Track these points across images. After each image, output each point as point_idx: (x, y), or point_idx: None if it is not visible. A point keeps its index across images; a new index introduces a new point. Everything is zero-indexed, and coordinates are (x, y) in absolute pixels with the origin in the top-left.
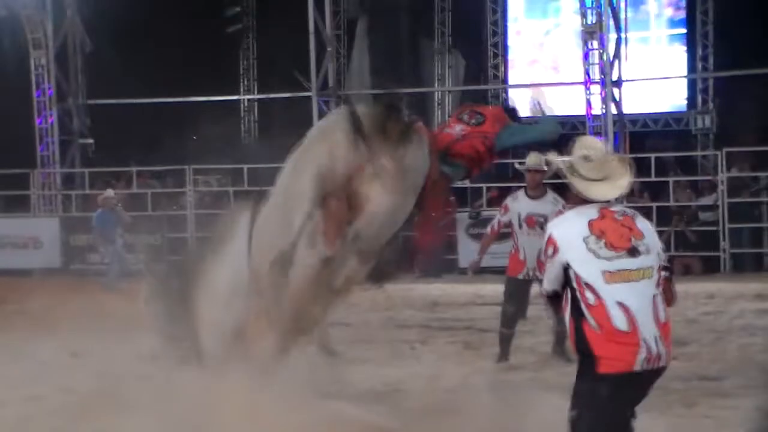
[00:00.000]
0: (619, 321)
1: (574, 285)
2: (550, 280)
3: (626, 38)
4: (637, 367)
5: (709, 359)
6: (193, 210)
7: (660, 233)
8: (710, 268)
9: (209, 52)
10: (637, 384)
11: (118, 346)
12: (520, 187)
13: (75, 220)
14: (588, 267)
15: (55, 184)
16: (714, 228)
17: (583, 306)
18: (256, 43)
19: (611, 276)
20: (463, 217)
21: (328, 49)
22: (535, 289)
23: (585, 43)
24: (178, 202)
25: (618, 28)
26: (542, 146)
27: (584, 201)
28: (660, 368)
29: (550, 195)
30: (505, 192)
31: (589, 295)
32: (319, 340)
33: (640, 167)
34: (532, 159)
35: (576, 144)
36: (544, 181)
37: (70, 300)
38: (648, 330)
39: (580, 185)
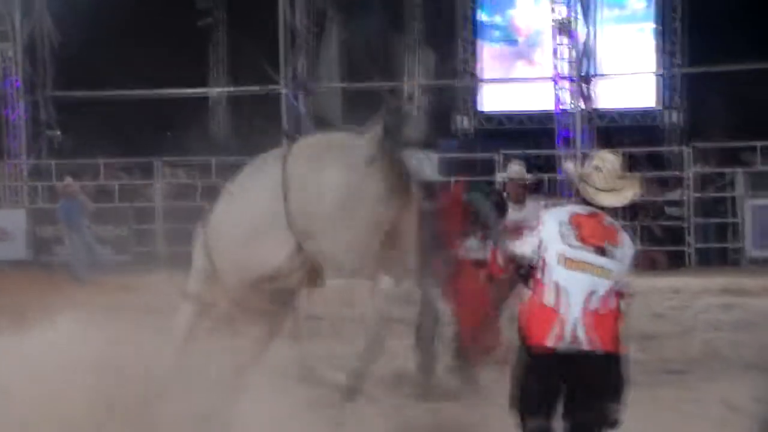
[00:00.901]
0: (548, 297)
1: (537, 259)
2: (520, 244)
3: (596, 34)
4: (549, 343)
5: (675, 353)
6: (161, 202)
7: (626, 227)
8: (676, 262)
9: (179, 45)
10: (554, 362)
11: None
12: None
13: (42, 211)
14: (552, 246)
15: (22, 175)
16: (680, 223)
17: (530, 278)
18: (227, 36)
19: (567, 261)
20: None
21: (299, 42)
22: None
23: (555, 38)
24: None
25: (588, 24)
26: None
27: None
28: (581, 353)
29: (533, 203)
30: None
31: (540, 272)
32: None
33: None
34: (515, 169)
35: (593, 156)
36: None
37: (38, 293)
38: (571, 313)
39: (589, 193)
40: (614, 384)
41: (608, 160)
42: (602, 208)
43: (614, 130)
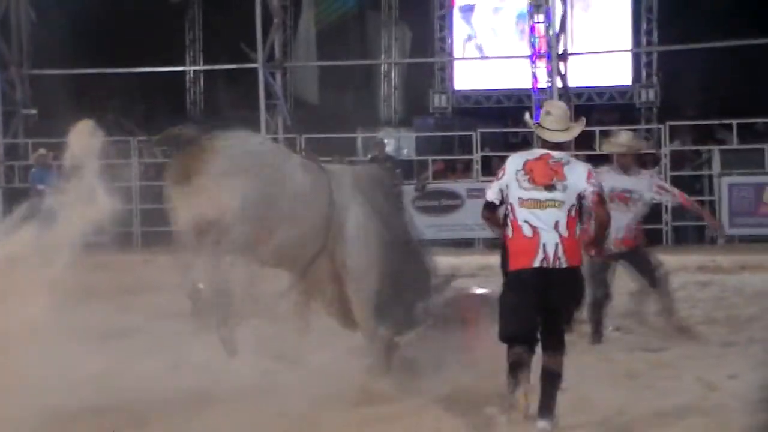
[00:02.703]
0: (526, 231)
1: (507, 203)
2: (493, 192)
3: (572, 12)
4: (535, 264)
5: (651, 331)
6: (137, 182)
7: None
8: (652, 240)
9: (155, 22)
10: (536, 277)
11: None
12: (463, 160)
13: (18, 191)
14: (512, 192)
15: None
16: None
17: (508, 219)
18: (202, 14)
19: (522, 202)
20: (409, 189)
21: (275, 20)
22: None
23: (531, 16)
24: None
25: (564, 2)
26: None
27: (554, 147)
28: (560, 271)
29: (642, 171)
30: (449, 164)
31: (510, 212)
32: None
33: (585, 140)
34: (624, 138)
35: (544, 104)
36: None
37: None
38: (549, 238)
39: (542, 133)
40: (577, 289)
41: (556, 106)
42: (557, 146)
43: (590, 108)
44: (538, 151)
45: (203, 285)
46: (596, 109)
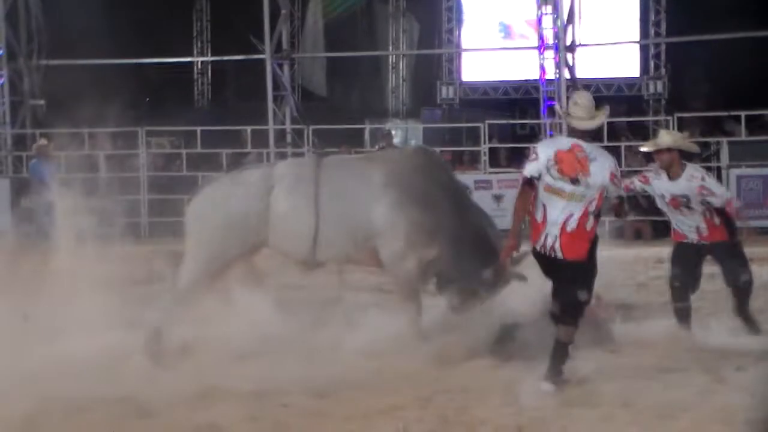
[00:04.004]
0: (539, 215)
1: (537, 181)
2: (532, 168)
3: (580, 3)
4: (537, 247)
5: (661, 322)
6: (145, 172)
7: None
8: (661, 232)
9: (163, 13)
10: (542, 257)
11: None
12: (471, 152)
13: (26, 181)
14: (544, 177)
15: (6, 145)
16: None
17: (537, 199)
18: (210, 5)
19: (548, 188)
20: None
21: (283, 11)
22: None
23: (539, 7)
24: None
25: None
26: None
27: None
28: (556, 258)
29: (687, 172)
30: (457, 155)
31: (539, 192)
32: None
33: (592, 132)
34: (663, 137)
35: (571, 95)
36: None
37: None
38: (551, 230)
39: (571, 122)
40: (580, 278)
41: (583, 96)
42: (585, 133)
43: (598, 99)
44: (568, 141)
45: None
46: (604, 100)
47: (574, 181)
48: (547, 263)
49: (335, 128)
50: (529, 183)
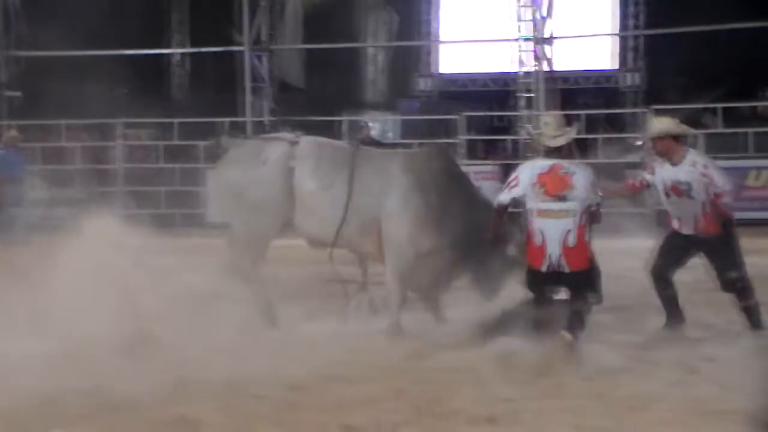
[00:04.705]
0: (537, 239)
1: (525, 209)
2: (507, 197)
3: None
4: (543, 269)
5: (635, 313)
6: (122, 164)
7: None
8: (637, 224)
9: (140, 4)
10: (547, 277)
11: None
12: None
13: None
14: (530, 202)
15: None
16: None
17: (528, 225)
18: None
19: (539, 212)
20: None
21: (261, 3)
22: None
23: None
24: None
25: None
26: None
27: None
28: (563, 274)
29: (690, 158)
30: None
31: (529, 219)
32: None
33: (569, 124)
34: (656, 124)
35: (541, 117)
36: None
37: None
38: (553, 249)
39: (543, 140)
40: (587, 283)
41: (551, 115)
42: (557, 150)
43: (575, 92)
44: (547, 163)
45: None
46: (581, 93)
47: (561, 198)
48: (555, 279)
49: (313, 120)
50: (502, 210)
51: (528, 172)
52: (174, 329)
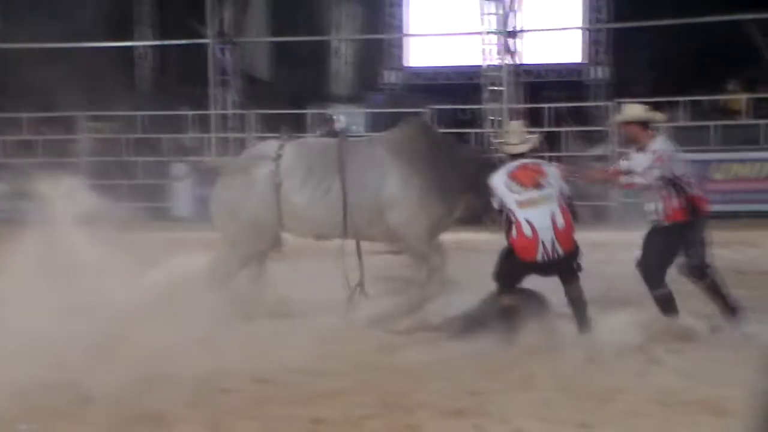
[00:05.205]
0: (526, 231)
1: (506, 209)
2: (496, 203)
3: None
4: (538, 258)
5: (598, 306)
6: (86, 157)
7: None
8: (600, 217)
9: None
10: (540, 266)
11: None
12: None
13: None
14: (509, 199)
15: None
16: None
17: (511, 222)
18: None
19: (521, 205)
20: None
21: None
22: None
23: None
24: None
25: None
26: None
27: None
28: (559, 259)
29: (653, 146)
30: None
31: (511, 216)
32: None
33: (536, 118)
34: (627, 111)
35: (505, 125)
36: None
37: None
38: (546, 236)
39: (507, 149)
40: (575, 264)
41: (513, 125)
42: (521, 155)
43: (541, 85)
44: (514, 163)
45: None
46: (547, 86)
47: (538, 186)
48: (548, 266)
49: (278, 113)
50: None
51: (498, 177)
52: (144, 324)
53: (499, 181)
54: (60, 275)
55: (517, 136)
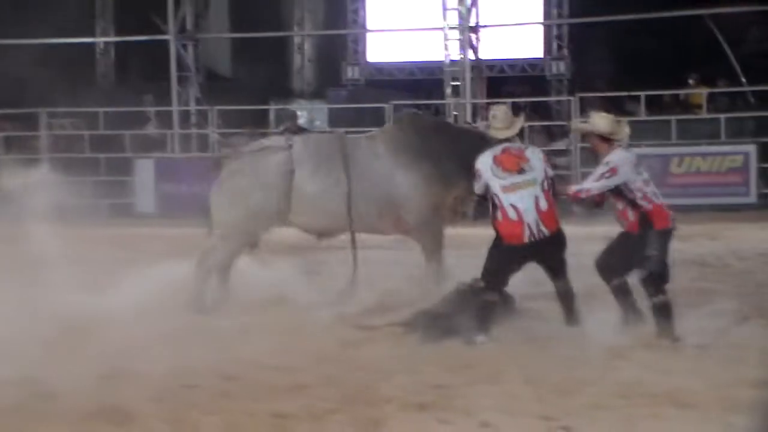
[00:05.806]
0: (511, 214)
1: (491, 194)
2: (479, 188)
3: None
4: (525, 240)
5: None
6: (47, 154)
7: None
8: (562, 210)
9: None
10: (528, 248)
11: None
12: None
13: None
14: (493, 183)
15: None
16: (566, 172)
17: (495, 206)
18: None
19: (505, 189)
20: None
21: None
22: None
23: None
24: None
25: None
26: None
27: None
28: (545, 238)
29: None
30: None
31: (496, 200)
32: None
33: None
34: (595, 121)
35: (491, 109)
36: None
37: None
38: (530, 218)
39: (493, 133)
40: (561, 244)
41: (500, 109)
42: (506, 140)
43: (502, 80)
44: (499, 147)
45: None
46: (508, 81)
47: (521, 171)
48: (536, 247)
49: (240, 109)
50: (482, 198)
51: (484, 160)
52: (108, 320)
53: (484, 164)
54: (22, 271)
55: (503, 120)
